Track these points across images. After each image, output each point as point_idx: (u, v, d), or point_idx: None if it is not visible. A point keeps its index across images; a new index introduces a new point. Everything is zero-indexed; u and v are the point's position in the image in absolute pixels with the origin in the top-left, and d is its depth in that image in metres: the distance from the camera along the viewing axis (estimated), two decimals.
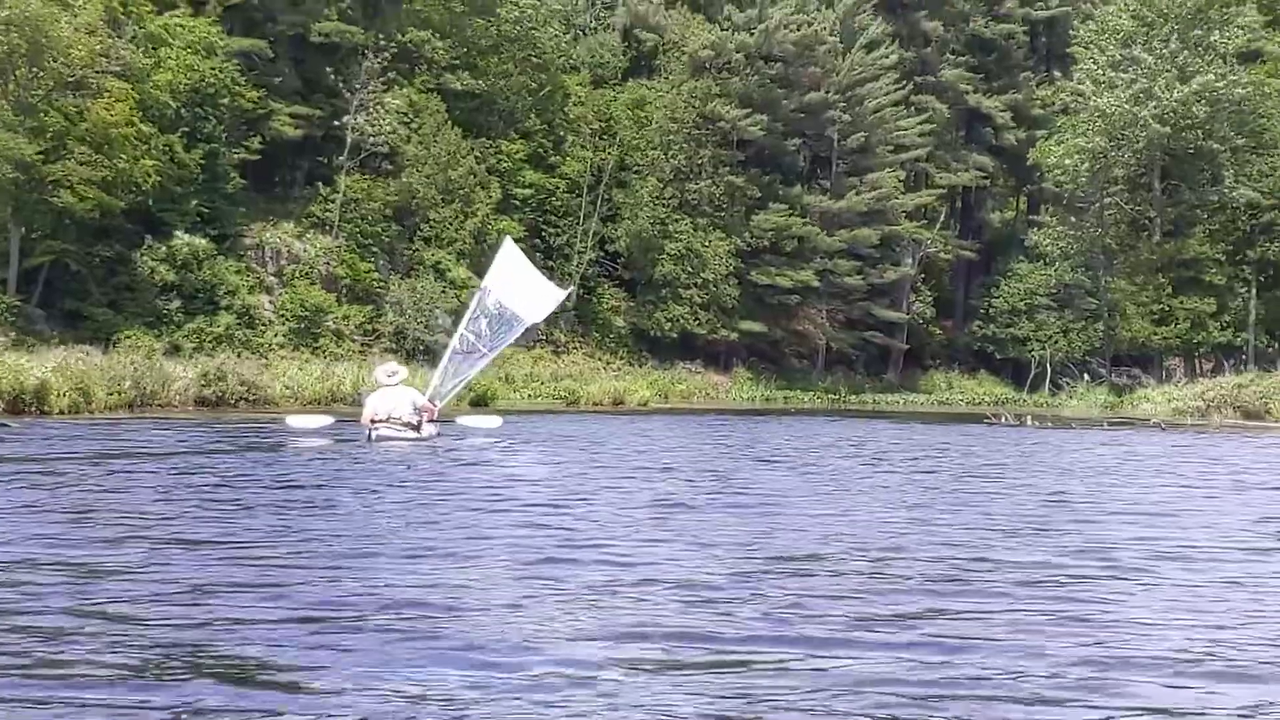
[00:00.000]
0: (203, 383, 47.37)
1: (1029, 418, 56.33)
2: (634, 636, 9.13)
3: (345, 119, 68.53)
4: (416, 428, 29.64)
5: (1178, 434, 47.12)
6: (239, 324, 59.96)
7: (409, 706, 7.45)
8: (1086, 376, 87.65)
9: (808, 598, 10.62)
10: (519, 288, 34.73)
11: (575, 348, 77.28)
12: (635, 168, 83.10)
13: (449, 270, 70.05)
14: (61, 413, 38.97)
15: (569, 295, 45.58)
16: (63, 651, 8.44)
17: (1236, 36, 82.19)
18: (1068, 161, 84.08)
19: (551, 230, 78.90)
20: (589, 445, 32.53)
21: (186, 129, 60.62)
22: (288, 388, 51.93)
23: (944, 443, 37.19)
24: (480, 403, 51.91)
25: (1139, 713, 7.63)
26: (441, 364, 33.90)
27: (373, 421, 29.33)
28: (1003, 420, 55.00)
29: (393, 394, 30.19)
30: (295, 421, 33.03)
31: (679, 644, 8.95)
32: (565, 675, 8.11)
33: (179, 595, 10.25)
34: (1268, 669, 8.55)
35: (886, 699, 7.75)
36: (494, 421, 34.76)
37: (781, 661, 8.60)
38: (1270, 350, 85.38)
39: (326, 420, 33.17)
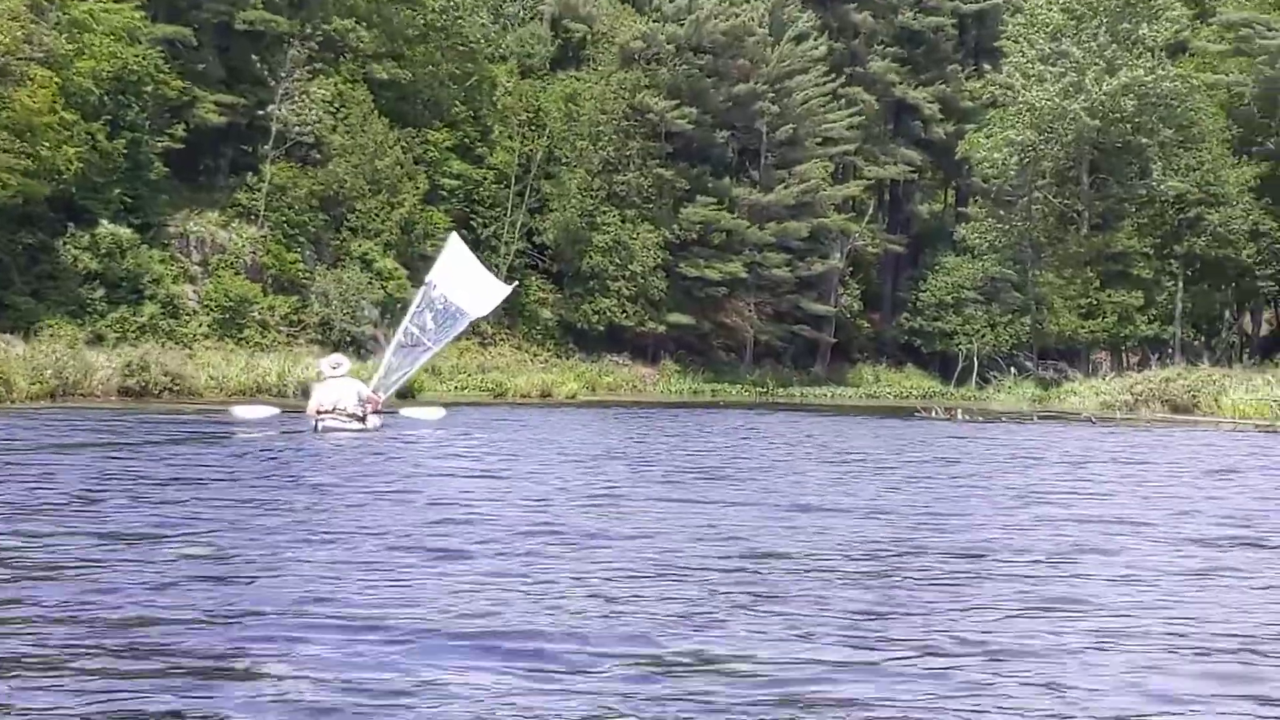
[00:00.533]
0: (126, 373, 47.09)
1: (959, 411, 56.28)
2: (597, 634, 9.05)
3: (270, 108, 67.80)
4: (362, 419, 30.11)
5: (1110, 428, 47.17)
6: (163, 314, 59.19)
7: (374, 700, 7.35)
8: (1013, 370, 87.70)
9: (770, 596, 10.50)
10: (464, 283, 35.62)
11: (502, 340, 76.82)
12: (564, 159, 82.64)
13: (375, 261, 69.46)
14: None
15: (513, 290, 45.81)
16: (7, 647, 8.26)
17: (1164, 30, 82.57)
18: (996, 155, 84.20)
19: (479, 221, 78.39)
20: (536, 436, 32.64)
21: (110, 117, 59.73)
22: (212, 378, 51.73)
23: (897, 438, 37.23)
24: (406, 395, 51.64)
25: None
26: (386, 356, 35.02)
27: (318, 413, 29.84)
28: (933, 414, 54.89)
29: (338, 385, 30.67)
30: (241, 412, 33.36)
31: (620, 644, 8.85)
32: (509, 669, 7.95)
33: (134, 590, 10.05)
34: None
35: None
36: (437, 413, 35.12)
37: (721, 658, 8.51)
38: (1196, 344, 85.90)
39: (272, 411, 33.41)
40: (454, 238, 38.54)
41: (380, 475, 20.52)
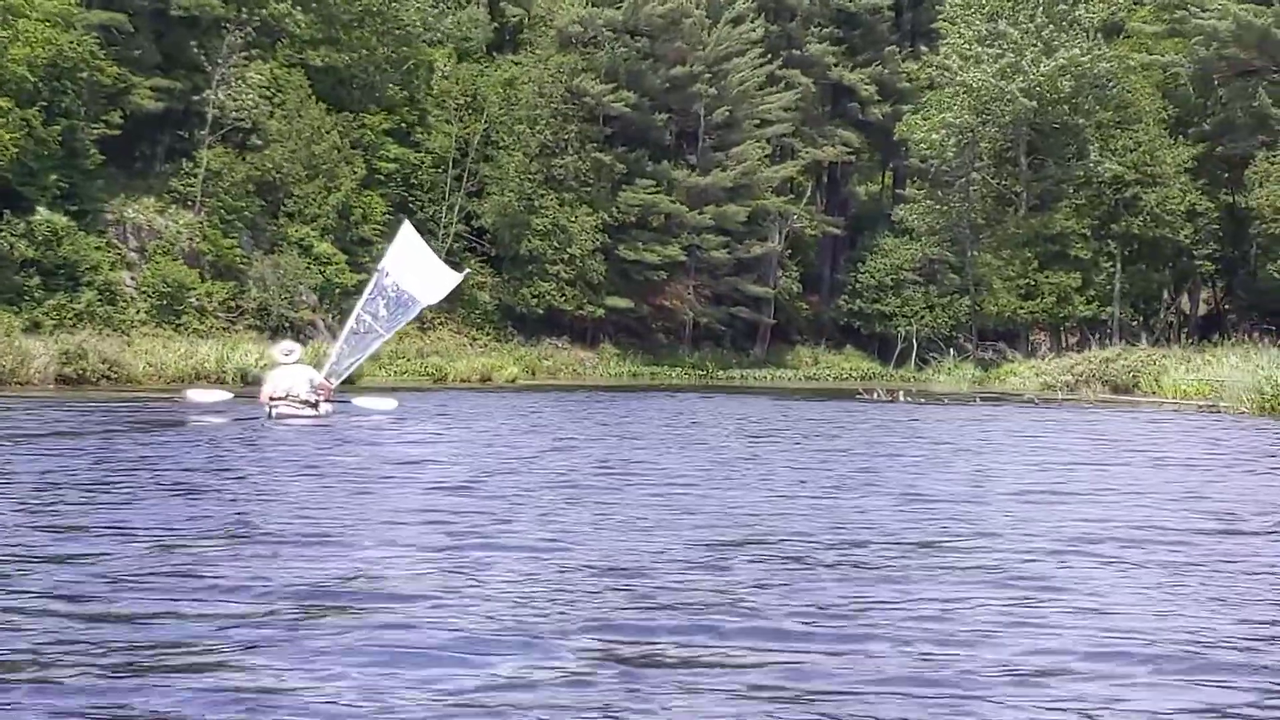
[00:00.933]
0: (63, 360, 46.84)
1: (901, 393, 56.27)
2: (572, 630, 8.95)
3: (206, 93, 67.34)
4: (314, 405, 30.31)
5: (1054, 409, 47.34)
6: (100, 301, 58.62)
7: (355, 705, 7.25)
8: (952, 351, 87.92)
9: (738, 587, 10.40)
10: (416, 270, 35.95)
11: (441, 324, 76.55)
12: (501, 143, 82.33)
13: (313, 246, 69.14)
14: None
15: (465, 278, 46.01)
16: None
17: (1100, 10, 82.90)
18: (934, 136, 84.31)
19: (417, 205, 78.15)
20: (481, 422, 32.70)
21: (45, 103, 59.11)
22: (150, 365, 51.53)
23: (841, 420, 37.24)
24: (348, 380, 51.46)
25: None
26: (338, 343, 35.15)
27: (271, 399, 29.93)
28: (875, 396, 54.89)
29: (291, 372, 30.93)
30: (195, 395, 33.91)
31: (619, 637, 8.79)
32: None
33: (95, 585, 9.92)
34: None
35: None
36: (390, 404, 34.98)
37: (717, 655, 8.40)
38: (1134, 324, 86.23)
39: (225, 395, 33.86)
40: (406, 225, 38.67)
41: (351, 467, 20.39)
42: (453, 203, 78.76)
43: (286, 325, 63.88)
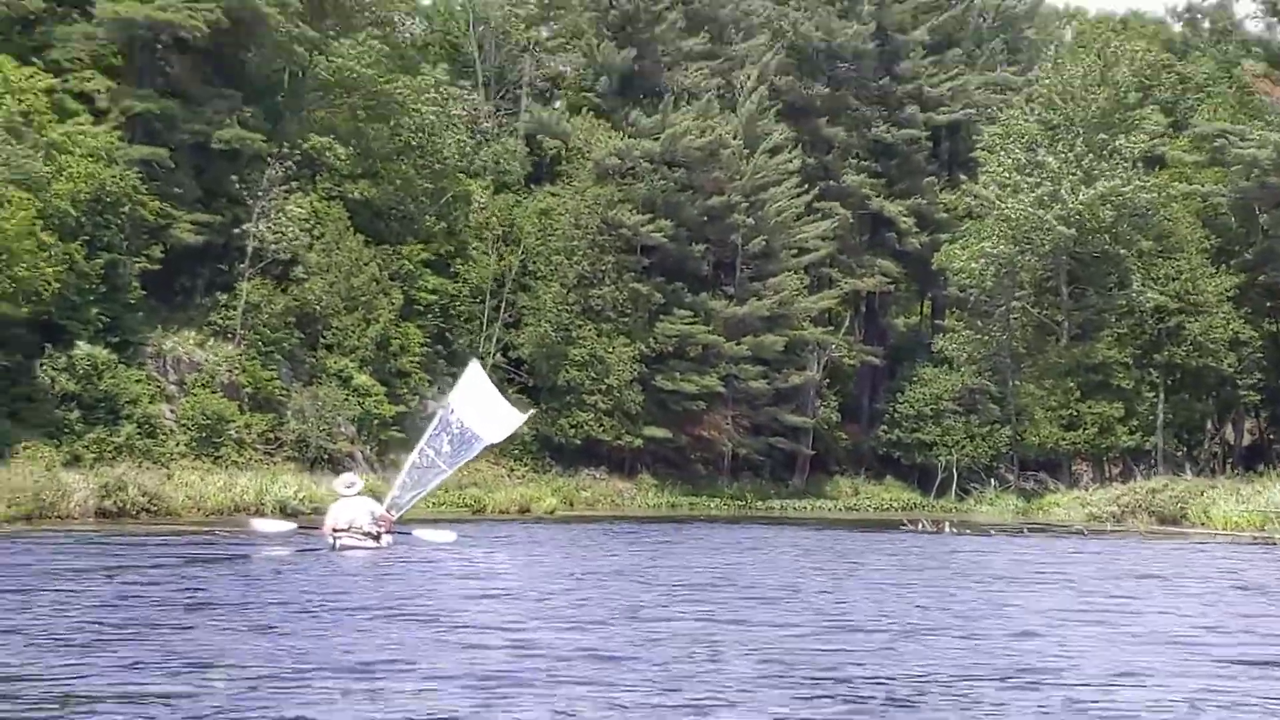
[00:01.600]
0: (103, 493, 46.83)
1: (947, 524, 55.73)
2: None
3: (247, 226, 67.45)
4: (376, 537, 31.25)
5: (1103, 540, 46.74)
6: (140, 434, 58.40)
7: None
8: (993, 482, 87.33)
9: None
10: (481, 409, 37.49)
11: (479, 454, 76.05)
12: (539, 273, 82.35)
13: (352, 377, 68.99)
14: None
15: (529, 418, 48.03)
16: None
17: (1141, 141, 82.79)
18: (974, 266, 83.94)
19: (454, 336, 78.13)
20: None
21: (87, 237, 59.18)
22: (190, 498, 51.52)
23: (909, 551, 36.86)
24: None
25: None
26: (400, 476, 36.18)
27: (334, 531, 31.02)
28: (920, 527, 54.37)
29: (353, 504, 31.98)
30: (261, 526, 34.82)
31: None
32: None
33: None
34: None
35: None
36: (449, 536, 35.69)
37: None
38: (1178, 454, 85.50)
39: (290, 526, 34.78)
40: (474, 364, 40.53)
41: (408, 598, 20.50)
42: (490, 334, 78.70)
43: (325, 457, 63.88)
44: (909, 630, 17.13)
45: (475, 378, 38.85)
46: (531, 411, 55.54)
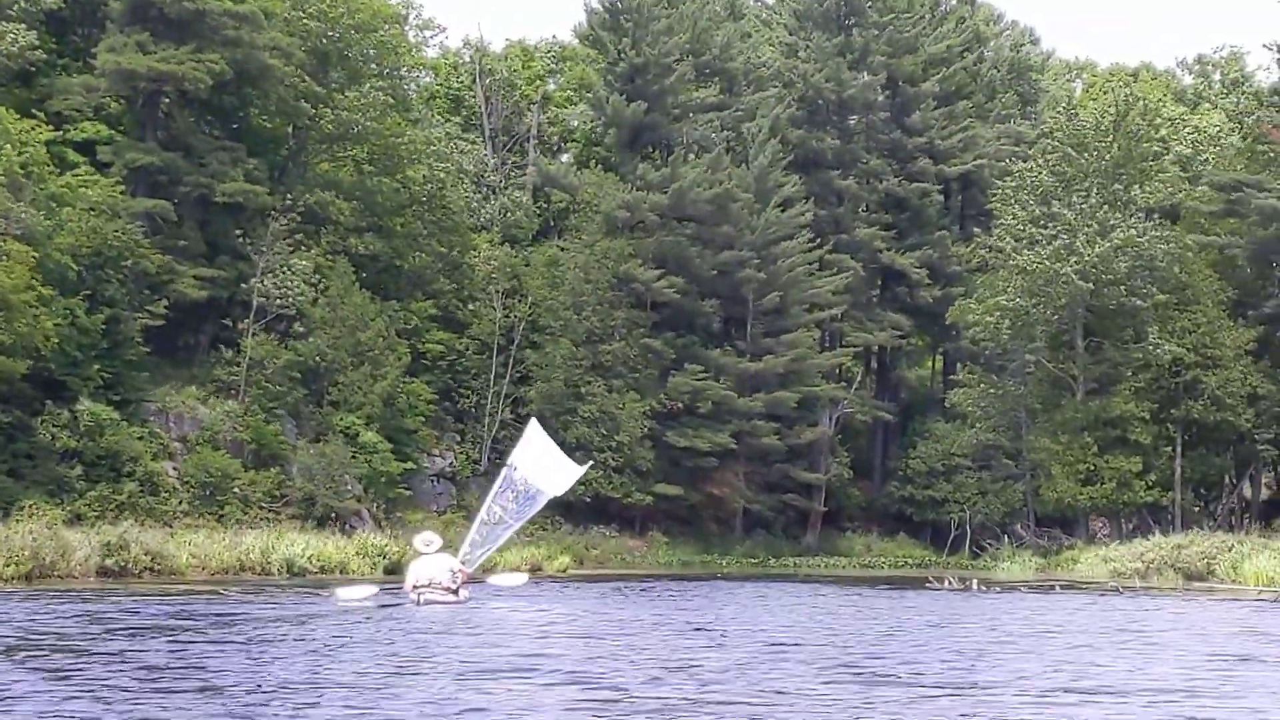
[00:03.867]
0: (105, 552, 45.99)
1: (974, 582, 54.62)
2: None
3: (251, 281, 66.57)
4: (455, 591, 33.59)
5: (1152, 599, 45.51)
6: (142, 491, 57.52)
7: None
8: (1008, 538, 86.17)
9: None
10: (542, 464, 39.53)
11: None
12: (548, 328, 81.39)
13: (359, 434, 67.85)
14: None
15: (588, 469, 50.13)
16: None
17: (1157, 192, 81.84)
18: (988, 319, 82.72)
19: (463, 392, 77.21)
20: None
21: (88, 292, 58.32)
22: (194, 556, 50.65)
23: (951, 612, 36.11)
24: (393, 570, 51.28)
25: None
26: (471, 533, 38.25)
27: (415, 587, 33.35)
28: (946, 584, 53.30)
29: (432, 561, 34.35)
30: (345, 594, 35.60)
31: None
32: None
33: None
34: None
35: None
36: (520, 579, 41.41)
37: None
38: (1196, 509, 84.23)
39: (372, 590, 36.03)
40: (534, 423, 43.13)
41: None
42: (499, 389, 77.77)
43: (332, 515, 62.77)
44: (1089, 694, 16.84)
45: (534, 435, 40.79)
46: (590, 464, 56.15)
